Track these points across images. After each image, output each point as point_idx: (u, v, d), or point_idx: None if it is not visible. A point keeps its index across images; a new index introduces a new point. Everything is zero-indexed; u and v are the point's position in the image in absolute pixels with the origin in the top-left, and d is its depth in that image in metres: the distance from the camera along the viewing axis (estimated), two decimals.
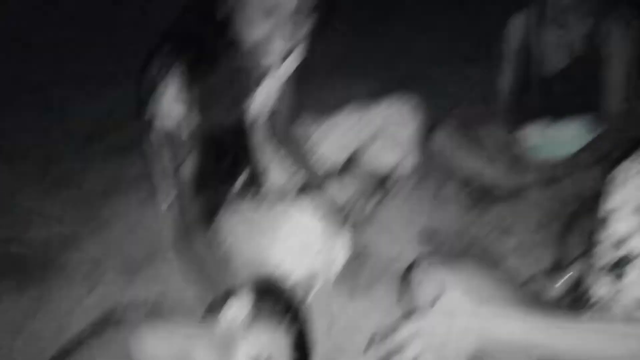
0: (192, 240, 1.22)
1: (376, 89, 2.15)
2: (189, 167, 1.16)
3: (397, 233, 1.50)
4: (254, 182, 1.33)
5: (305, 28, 1.04)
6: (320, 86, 2.16)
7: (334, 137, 1.49)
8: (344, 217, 1.38)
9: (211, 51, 1.08)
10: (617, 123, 1.46)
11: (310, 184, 1.39)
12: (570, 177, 1.47)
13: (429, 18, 2.90)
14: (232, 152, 1.25)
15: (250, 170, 1.32)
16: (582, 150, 1.49)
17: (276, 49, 1.04)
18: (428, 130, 1.61)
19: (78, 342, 0.82)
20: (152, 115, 1.14)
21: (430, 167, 1.70)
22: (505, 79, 1.60)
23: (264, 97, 1.31)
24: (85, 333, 0.86)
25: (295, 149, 1.43)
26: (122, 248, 1.51)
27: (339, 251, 1.25)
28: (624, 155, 0.72)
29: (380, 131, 1.46)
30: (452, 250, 1.44)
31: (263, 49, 1.04)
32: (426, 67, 2.44)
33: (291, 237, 1.17)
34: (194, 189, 1.18)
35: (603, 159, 1.43)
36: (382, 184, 1.59)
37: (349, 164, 1.50)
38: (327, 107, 1.56)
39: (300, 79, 1.36)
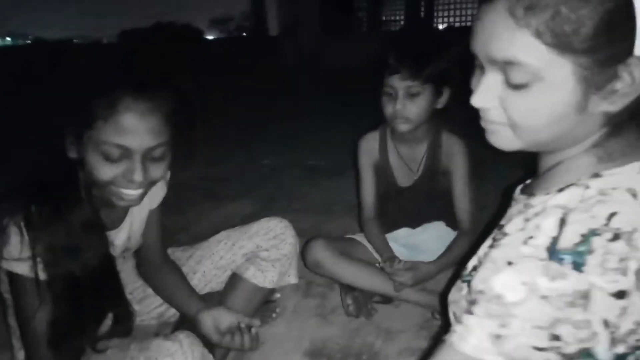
0: None
1: (247, 211, 2.21)
2: (43, 317, 1.05)
3: (285, 354, 1.46)
4: (123, 323, 1.23)
5: (165, 164, 1.04)
6: (191, 215, 2.16)
7: (210, 262, 1.47)
8: (224, 349, 1.31)
9: (63, 194, 1.04)
10: (467, 227, 1.62)
11: (186, 318, 1.32)
12: (434, 278, 1.56)
13: (289, 139, 3.09)
14: (95, 294, 1.16)
15: (118, 310, 1.23)
16: (442, 253, 1.60)
17: (135, 184, 1.03)
18: (303, 244, 1.65)
19: None
20: None
21: (311, 280, 1.73)
22: (365, 191, 1.72)
23: (128, 232, 1.27)
24: None
25: (167, 281, 1.37)
26: None
27: None
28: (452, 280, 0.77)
29: (256, 251, 1.46)
30: None
31: (120, 186, 1.02)
32: (291, 184, 2.54)
33: None
34: (50, 340, 1.06)
35: (451, 263, 1.55)
36: (264, 304, 1.57)
37: (227, 289, 1.47)
38: (199, 235, 1.55)
39: (168, 209, 1.35)
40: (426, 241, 1.71)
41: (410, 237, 1.74)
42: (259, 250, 1.46)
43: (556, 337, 0.58)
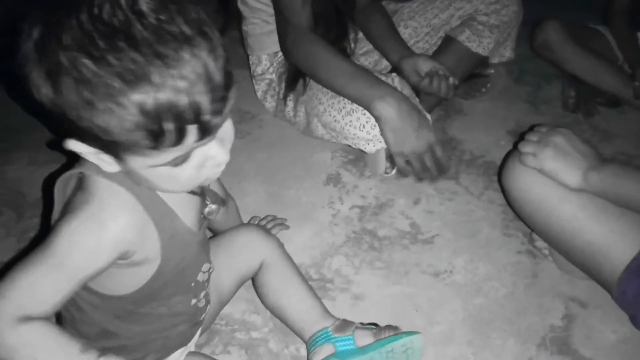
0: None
1: None
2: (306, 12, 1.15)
3: (487, 130, 1.43)
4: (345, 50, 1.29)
5: None
6: None
7: (423, 19, 1.40)
8: (431, 101, 1.33)
9: None
10: None
11: (398, 66, 1.32)
12: None
13: None
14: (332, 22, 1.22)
15: (342, 39, 1.28)
16: None
17: None
18: (535, 24, 1.48)
19: None
20: None
21: (526, 69, 1.59)
22: None
23: None
24: None
25: (375, 23, 1.35)
26: None
27: None
28: None
29: (474, 15, 1.36)
30: None
31: None
32: None
33: (363, 130, 1.15)
34: None
35: None
36: (474, 77, 1.50)
37: (438, 51, 1.41)
38: None
39: None
40: None
41: None
42: (478, 13, 1.36)
43: None
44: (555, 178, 0.87)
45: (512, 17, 1.36)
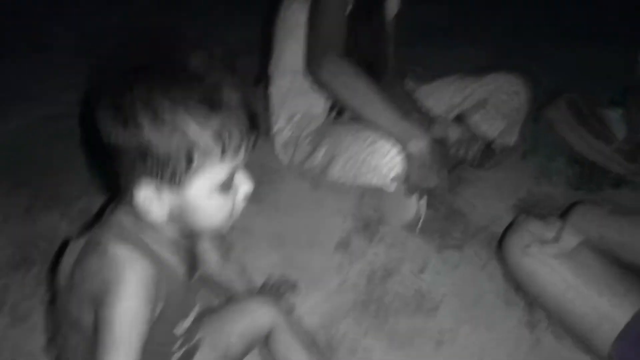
0: None
1: (485, 60, 2.11)
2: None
3: (494, 201, 1.48)
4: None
5: None
6: (423, 50, 2.13)
7: (439, 97, 1.51)
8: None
9: None
10: None
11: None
12: None
13: None
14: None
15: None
16: None
17: None
18: (539, 106, 1.57)
19: None
20: None
21: (538, 141, 1.66)
22: None
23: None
24: None
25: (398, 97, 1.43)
26: None
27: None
28: None
29: (486, 100, 1.45)
30: None
31: None
32: (538, 42, 2.32)
33: (386, 157, 1.21)
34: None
35: None
36: (483, 152, 1.58)
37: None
38: (434, 70, 1.57)
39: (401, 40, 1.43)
40: None
41: None
42: (489, 98, 1.46)
43: None
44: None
45: (523, 105, 1.45)
